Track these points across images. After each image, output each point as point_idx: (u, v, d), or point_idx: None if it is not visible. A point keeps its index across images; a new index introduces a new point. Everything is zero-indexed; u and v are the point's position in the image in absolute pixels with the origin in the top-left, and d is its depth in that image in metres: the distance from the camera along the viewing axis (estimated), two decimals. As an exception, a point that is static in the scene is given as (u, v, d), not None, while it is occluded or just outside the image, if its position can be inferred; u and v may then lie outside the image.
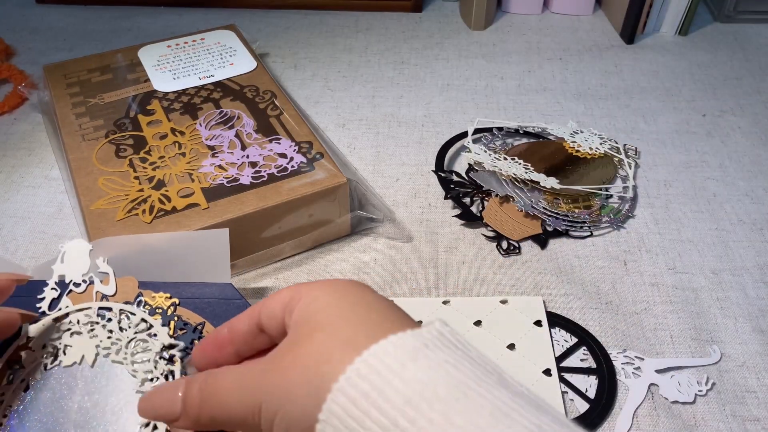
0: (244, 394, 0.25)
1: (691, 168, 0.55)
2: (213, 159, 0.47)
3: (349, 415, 0.21)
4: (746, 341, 0.42)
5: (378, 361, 0.22)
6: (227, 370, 0.27)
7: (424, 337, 0.23)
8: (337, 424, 0.21)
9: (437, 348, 0.22)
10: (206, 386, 0.26)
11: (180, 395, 0.27)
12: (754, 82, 0.66)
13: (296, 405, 0.23)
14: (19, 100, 0.62)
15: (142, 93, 0.55)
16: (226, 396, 0.25)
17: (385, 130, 0.59)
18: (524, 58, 0.69)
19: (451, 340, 0.23)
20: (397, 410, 0.20)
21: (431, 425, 0.20)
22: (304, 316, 0.25)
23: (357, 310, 0.25)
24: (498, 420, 0.19)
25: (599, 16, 0.76)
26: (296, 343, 0.24)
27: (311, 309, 0.25)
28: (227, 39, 0.62)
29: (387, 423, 0.20)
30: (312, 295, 0.26)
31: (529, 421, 0.20)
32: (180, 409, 0.27)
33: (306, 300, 0.26)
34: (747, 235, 0.49)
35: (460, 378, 0.21)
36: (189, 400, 0.27)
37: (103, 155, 0.48)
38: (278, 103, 0.53)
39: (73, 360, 0.34)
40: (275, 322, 0.27)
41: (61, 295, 0.38)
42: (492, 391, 0.21)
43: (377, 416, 0.21)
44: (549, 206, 0.50)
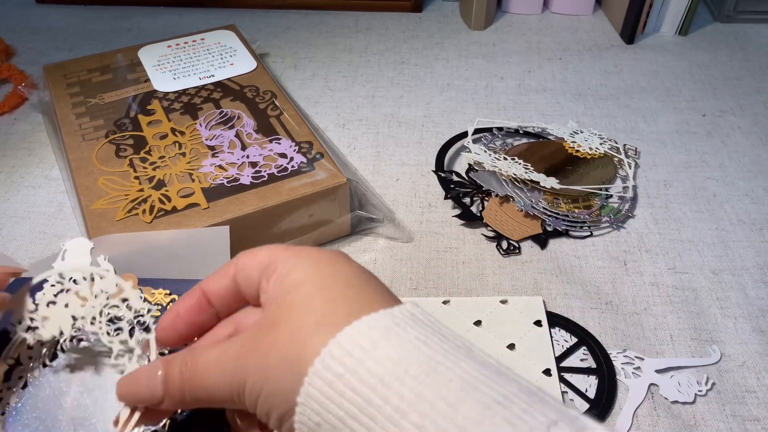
0: (226, 374, 0.25)
1: (691, 168, 0.55)
2: (213, 159, 0.47)
3: (325, 397, 0.22)
4: (746, 341, 0.42)
5: (351, 342, 0.22)
6: (207, 349, 0.26)
7: (396, 317, 0.23)
8: (315, 407, 0.22)
9: (408, 326, 0.23)
10: (187, 367, 0.26)
11: (160, 376, 0.26)
12: (754, 82, 0.66)
13: (276, 388, 0.23)
14: (19, 100, 0.62)
15: (142, 93, 0.55)
16: (208, 377, 0.25)
17: (385, 130, 0.59)
18: (524, 58, 0.69)
19: (422, 319, 0.24)
20: (371, 389, 0.21)
21: (402, 401, 0.20)
22: (281, 290, 0.25)
23: (333, 286, 0.25)
24: (466, 393, 0.20)
25: (599, 16, 0.76)
26: (274, 324, 0.24)
27: (288, 282, 0.25)
28: (227, 39, 0.62)
29: (361, 402, 0.21)
30: (289, 265, 0.26)
31: (497, 392, 0.20)
32: (162, 391, 0.26)
33: (282, 270, 0.26)
34: (747, 235, 0.49)
35: (430, 354, 0.22)
36: (171, 382, 0.26)
37: (103, 155, 0.48)
38: (278, 103, 0.53)
39: (52, 333, 0.33)
40: (251, 286, 0.27)
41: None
42: (460, 364, 0.21)
43: (352, 396, 0.21)
44: (549, 206, 0.50)
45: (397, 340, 0.22)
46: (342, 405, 0.21)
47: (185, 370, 0.26)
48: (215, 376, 0.25)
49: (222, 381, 0.25)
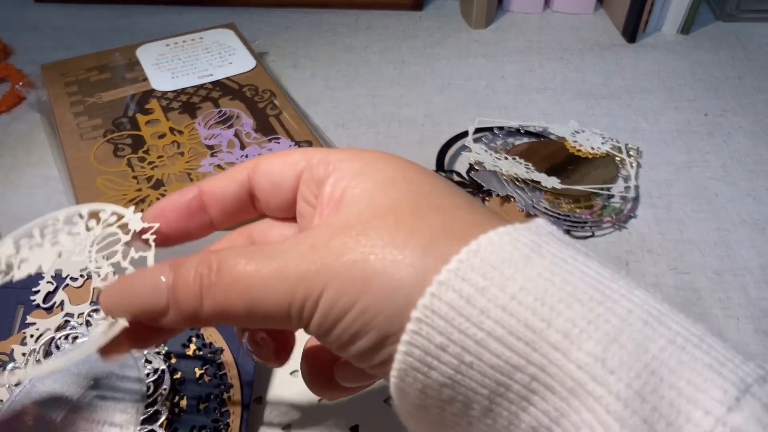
0: (286, 281, 0.19)
1: (693, 168, 0.55)
2: (212, 159, 0.47)
3: (459, 313, 0.17)
4: (748, 342, 0.41)
5: (493, 252, 0.17)
6: (246, 251, 0.20)
7: (536, 232, 0.18)
8: (442, 325, 0.17)
9: (556, 244, 0.18)
10: (213, 271, 0.20)
11: (165, 281, 0.20)
12: (756, 81, 0.66)
13: (377, 301, 0.18)
14: (16, 99, 0.61)
15: (140, 92, 0.54)
16: (252, 283, 0.19)
17: (385, 129, 0.59)
18: (525, 57, 0.69)
19: (565, 240, 0.19)
20: (528, 308, 0.16)
21: (574, 326, 0.16)
22: (359, 192, 0.20)
23: (435, 191, 0.20)
24: (652, 328, 0.16)
25: (600, 15, 0.76)
26: (365, 227, 0.19)
27: (371, 182, 0.20)
28: (226, 38, 0.62)
29: (514, 322, 0.16)
30: (356, 165, 0.21)
31: (688, 330, 0.16)
32: (166, 300, 0.20)
33: (342, 173, 0.21)
34: (749, 236, 0.49)
35: (596, 278, 0.17)
36: (183, 288, 0.20)
37: (101, 155, 0.48)
38: (277, 102, 0.53)
39: (28, 272, 0.27)
40: (280, 194, 0.22)
41: (56, 288, 0.38)
42: (634, 292, 0.17)
43: (500, 314, 0.16)
44: (550, 206, 0.50)
45: (551, 258, 0.17)
46: (483, 324, 0.16)
47: (210, 273, 0.20)
48: (267, 282, 0.19)
49: (278, 289, 0.19)
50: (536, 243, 0.18)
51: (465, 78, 0.66)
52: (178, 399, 0.35)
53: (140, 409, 0.33)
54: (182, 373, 0.35)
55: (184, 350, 0.36)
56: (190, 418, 0.34)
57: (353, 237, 0.18)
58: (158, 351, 0.36)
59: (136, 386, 0.34)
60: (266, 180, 0.23)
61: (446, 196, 0.20)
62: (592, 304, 0.16)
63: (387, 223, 0.18)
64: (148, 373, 0.35)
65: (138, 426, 0.33)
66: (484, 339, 0.16)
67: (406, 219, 0.18)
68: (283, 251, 0.19)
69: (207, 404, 0.35)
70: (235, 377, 0.36)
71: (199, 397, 0.35)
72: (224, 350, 0.37)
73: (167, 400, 0.34)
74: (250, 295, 0.19)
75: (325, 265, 0.18)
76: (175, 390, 0.35)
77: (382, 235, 0.18)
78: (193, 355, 0.36)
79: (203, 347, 0.37)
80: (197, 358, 0.36)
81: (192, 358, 0.36)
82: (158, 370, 0.35)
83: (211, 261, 0.20)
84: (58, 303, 0.38)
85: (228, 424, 0.34)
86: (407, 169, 0.21)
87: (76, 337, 0.36)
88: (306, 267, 0.18)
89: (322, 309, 0.18)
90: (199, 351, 0.36)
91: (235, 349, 0.37)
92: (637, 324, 0.16)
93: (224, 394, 0.35)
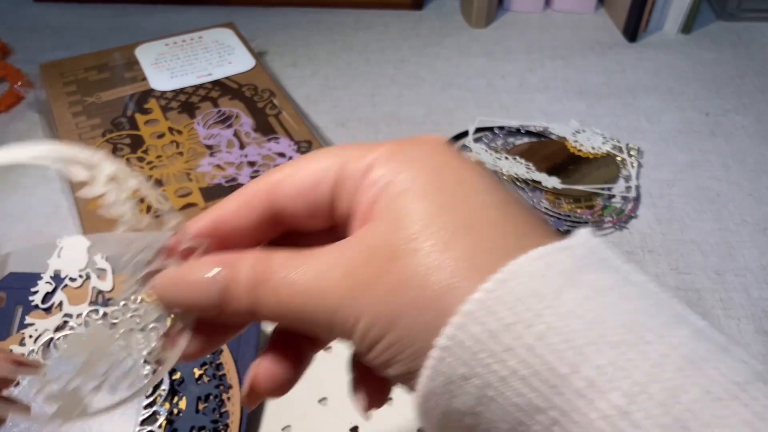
0: (326, 305, 0.19)
1: (695, 168, 0.55)
2: (211, 158, 0.47)
3: (483, 347, 0.16)
4: (749, 342, 0.41)
5: (522, 282, 0.16)
6: (295, 260, 0.19)
7: (577, 255, 0.17)
8: (466, 357, 0.16)
9: (594, 270, 0.17)
10: (264, 278, 0.19)
11: (217, 275, 0.20)
12: (757, 80, 0.65)
13: (406, 334, 0.18)
14: (15, 99, 0.61)
15: (139, 92, 0.54)
16: (300, 296, 0.19)
17: (385, 129, 0.59)
18: (526, 56, 0.69)
19: (609, 260, 0.18)
20: (554, 352, 0.16)
21: (601, 375, 0.15)
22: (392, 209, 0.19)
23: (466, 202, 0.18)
24: (686, 376, 0.15)
25: (601, 15, 0.76)
26: (396, 252, 0.18)
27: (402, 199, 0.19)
28: (225, 37, 0.62)
29: (539, 365, 0.16)
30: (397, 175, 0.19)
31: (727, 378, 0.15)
32: (218, 297, 0.20)
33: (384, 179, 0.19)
34: (751, 236, 0.49)
35: (632, 313, 0.16)
36: (234, 288, 0.20)
37: (99, 155, 0.48)
38: (277, 102, 0.53)
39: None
40: (316, 212, 0.21)
41: (55, 289, 0.38)
42: (673, 332, 0.16)
43: (525, 355, 0.16)
44: (551, 206, 0.50)
45: (586, 290, 0.16)
46: (507, 362, 0.16)
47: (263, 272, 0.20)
48: (311, 300, 0.19)
49: (320, 309, 0.19)
50: (571, 270, 0.17)
51: (465, 77, 0.65)
52: (178, 400, 0.34)
53: (139, 410, 0.33)
54: (181, 373, 0.35)
55: (183, 351, 0.36)
56: (190, 419, 0.34)
57: (384, 263, 0.18)
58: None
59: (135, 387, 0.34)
60: (295, 203, 0.21)
61: (483, 209, 0.19)
62: (623, 348, 0.15)
63: (417, 247, 0.18)
64: (147, 374, 0.34)
65: (137, 427, 0.33)
66: (507, 377, 0.16)
67: (435, 243, 0.18)
68: (323, 273, 0.19)
69: (206, 404, 0.35)
70: (235, 377, 0.36)
71: (198, 397, 0.35)
72: (223, 350, 0.36)
73: (166, 400, 0.34)
74: (296, 307, 0.19)
75: (357, 297, 0.18)
76: (174, 391, 0.35)
77: (411, 264, 0.18)
78: (192, 355, 0.36)
79: (202, 348, 0.36)
80: (196, 359, 0.36)
81: (191, 359, 0.36)
82: (157, 371, 0.35)
83: (264, 264, 0.20)
84: (56, 303, 0.37)
85: (227, 425, 0.34)
86: (447, 167, 0.20)
87: (74, 338, 0.36)
88: (342, 294, 0.19)
89: (357, 335, 0.19)
90: (198, 351, 0.36)
91: (234, 349, 0.37)
92: (669, 371, 0.15)
93: (223, 394, 0.35)
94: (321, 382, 0.39)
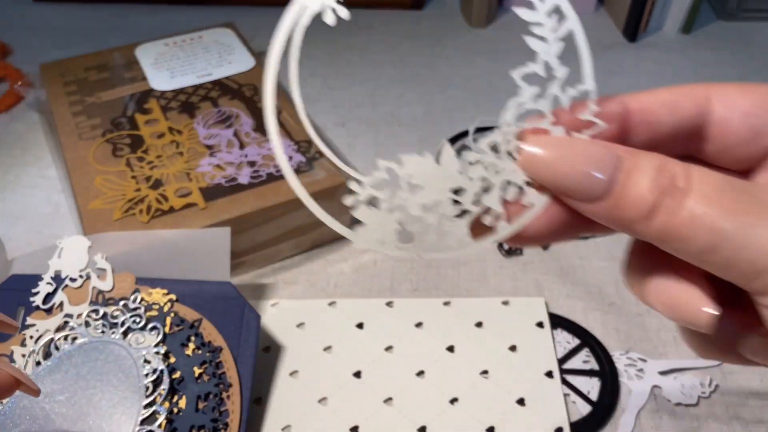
0: (760, 265, 0.16)
1: (694, 167, 0.55)
2: (211, 158, 0.47)
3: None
4: None
5: None
6: (723, 195, 0.16)
7: None
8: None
9: None
10: (684, 201, 0.16)
11: (613, 160, 0.17)
12: (757, 80, 0.65)
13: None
14: (15, 98, 0.61)
15: (139, 92, 0.54)
16: (722, 241, 0.16)
17: (385, 129, 0.59)
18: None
19: None
20: None
21: None
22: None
23: None
24: None
25: (601, 15, 0.76)
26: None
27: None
28: (225, 37, 0.62)
29: None
30: None
31: None
32: (603, 191, 0.17)
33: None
34: (751, 235, 0.49)
35: None
36: (633, 194, 0.17)
37: (100, 154, 0.48)
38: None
39: None
40: (760, 141, 0.18)
41: (56, 290, 0.38)
42: None
43: None
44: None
45: None
46: None
47: (672, 191, 0.16)
48: (731, 244, 0.16)
49: (744, 260, 0.16)
50: None
51: (465, 77, 0.65)
52: (177, 399, 0.34)
53: (139, 410, 0.33)
54: (181, 372, 0.35)
55: (183, 349, 0.36)
56: (189, 418, 0.34)
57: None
58: (157, 351, 0.36)
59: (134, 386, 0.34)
60: (739, 125, 0.18)
61: None
62: None
63: None
64: (147, 373, 0.35)
65: (137, 426, 0.33)
66: None
67: None
68: (765, 222, 0.16)
69: (206, 403, 0.35)
70: (235, 376, 0.36)
71: (198, 396, 0.35)
72: (223, 349, 0.36)
73: (166, 399, 0.34)
74: (714, 243, 0.16)
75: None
76: (174, 390, 0.35)
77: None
78: (192, 354, 0.36)
79: (202, 346, 0.36)
80: (196, 357, 0.36)
81: (191, 357, 0.36)
82: (157, 370, 0.35)
83: (678, 178, 0.17)
84: (57, 304, 0.37)
85: (227, 424, 0.34)
86: None
87: (75, 338, 0.36)
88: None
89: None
90: (197, 350, 0.36)
91: (234, 346, 0.37)
92: None
93: (223, 392, 0.35)
94: (321, 382, 0.39)
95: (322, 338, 0.41)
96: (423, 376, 0.39)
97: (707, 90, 0.19)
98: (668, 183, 0.17)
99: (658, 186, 0.16)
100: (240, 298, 0.38)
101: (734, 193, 0.16)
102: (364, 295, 0.44)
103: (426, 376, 0.39)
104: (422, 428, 0.37)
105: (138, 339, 0.36)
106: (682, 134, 0.19)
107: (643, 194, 0.17)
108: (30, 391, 0.26)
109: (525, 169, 0.19)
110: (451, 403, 0.38)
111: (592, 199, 0.17)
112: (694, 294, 0.18)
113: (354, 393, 0.38)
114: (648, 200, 0.16)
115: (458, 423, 0.37)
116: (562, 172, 0.18)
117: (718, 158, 0.20)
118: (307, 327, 0.42)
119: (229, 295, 0.38)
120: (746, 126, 0.18)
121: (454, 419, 0.37)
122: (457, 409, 0.38)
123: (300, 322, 0.42)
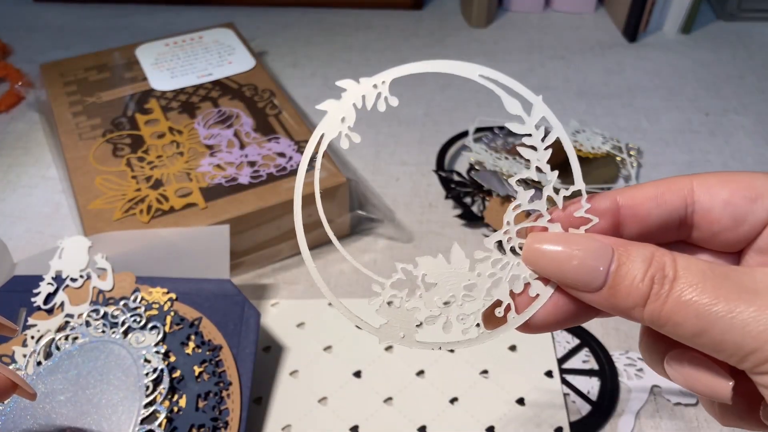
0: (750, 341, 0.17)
1: (694, 167, 0.55)
2: (211, 158, 0.47)
3: None
4: None
5: None
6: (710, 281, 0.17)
7: None
8: None
9: None
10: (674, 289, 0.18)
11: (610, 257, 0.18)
12: (757, 80, 0.65)
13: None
14: (15, 99, 0.61)
15: (139, 92, 0.54)
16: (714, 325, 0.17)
17: (386, 129, 0.59)
18: (526, 56, 0.69)
19: None
20: None
21: None
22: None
23: None
24: None
25: (601, 14, 0.76)
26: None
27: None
28: (225, 37, 0.62)
29: None
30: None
31: None
32: (602, 283, 0.18)
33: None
34: (750, 235, 0.49)
35: None
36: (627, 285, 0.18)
37: (100, 154, 0.48)
38: (277, 101, 0.53)
39: None
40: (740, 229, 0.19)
41: (57, 290, 0.38)
42: None
43: None
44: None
45: None
46: None
47: (663, 282, 0.18)
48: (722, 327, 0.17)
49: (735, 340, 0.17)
50: None
51: (465, 77, 0.65)
52: (177, 398, 0.34)
53: (139, 409, 0.33)
54: (181, 371, 0.35)
55: (183, 348, 0.36)
56: (189, 417, 0.34)
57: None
58: (157, 350, 0.36)
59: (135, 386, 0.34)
60: (721, 214, 0.20)
61: None
62: None
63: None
64: (147, 373, 0.35)
65: (137, 426, 0.33)
66: None
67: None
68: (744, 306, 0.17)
69: (206, 402, 0.35)
70: (234, 374, 0.36)
71: (198, 395, 0.35)
72: (223, 347, 0.36)
73: (166, 398, 0.34)
74: (702, 327, 0.17)
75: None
76: (174, 389, 0.35)
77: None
78: (192, 352, 0.36)
79: (202, 345, 0.36)
80: (196, 356, 0.36)
81: (191, 356, 0.36)
82: (157, 369, 0.35)
83: (666, 268, 0.18)
84: (58, 304, 0.37)
85: (227, 422, 0.34)
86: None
87: (75, 338, 0.36)
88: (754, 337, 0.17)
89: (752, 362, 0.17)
90: (197, 348, 0.36)
91: (234, 344, 0.37)
92: None
93: (223, 391, 0.35)
94: (321, 382, 0.39)
95: (322, 338, 0.41)
96: (423, 376, 0.39)
97: (690, 181, 0.20)
98: (658, 272, 0.18)
99: (649, 276, 0.18)
100: (240, 295, 0.38)
101: (717, 279, 0.18)
102: (364, 295, 0.44)
103: (426, 376, 0.39)
104: (422, 428, 0.37)
105: (138, 338, 0.36)
106: (671, 224, 0.20)
107: (636, 284, 0.18)
108: (26, 395, 0.26)
109: (529, 264, 0.20)
110: (451, 403, 0.38)
111: (593, 289, 0.19)
112: (709, 367, 0.19)
113: (354, 393, 0.38)
114: (641, 289, 0.18)
115: (458, 423, 0.37)
116: (563, 265, 0.19)
117: (708, 243, 0.21)
118: (307, 327, 0.42)
119: (229, 292, 0.38)
120: (727, 214, 0.20)
121: (454, 419, 0.37)
122: (456, 409, 0.38)
123: (300, 322, 0.42)
